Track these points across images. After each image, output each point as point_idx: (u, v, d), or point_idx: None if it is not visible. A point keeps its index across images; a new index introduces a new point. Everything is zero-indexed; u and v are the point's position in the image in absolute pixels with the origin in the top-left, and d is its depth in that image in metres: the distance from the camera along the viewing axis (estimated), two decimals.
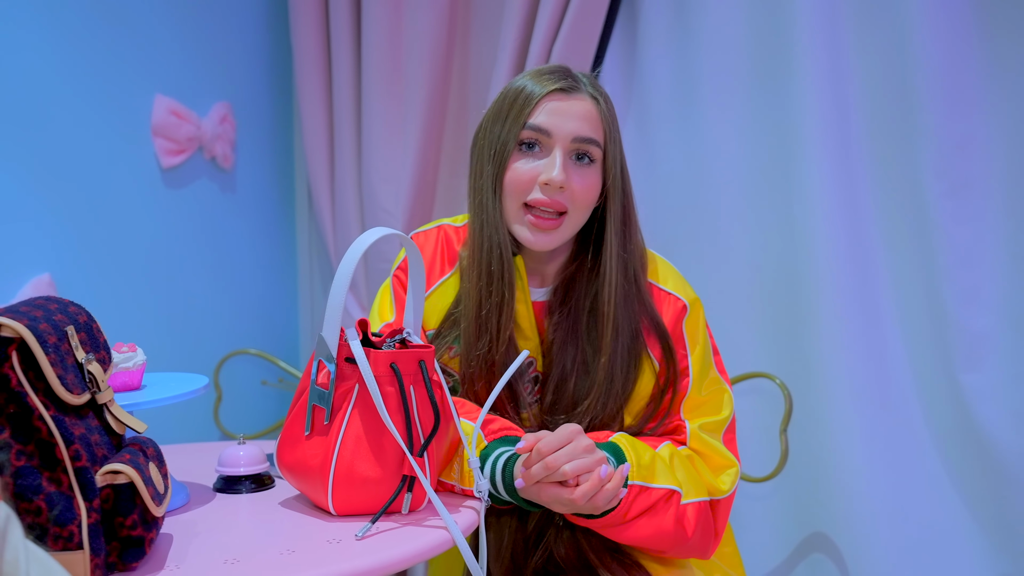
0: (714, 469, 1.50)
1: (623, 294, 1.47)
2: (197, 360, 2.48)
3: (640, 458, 1.39)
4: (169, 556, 1.15)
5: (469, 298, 1.50)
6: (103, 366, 1.16)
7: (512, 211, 1.47)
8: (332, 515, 1.31)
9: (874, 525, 2.05)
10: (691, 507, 1.42)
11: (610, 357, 1.47)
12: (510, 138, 1.46)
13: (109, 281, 2.20)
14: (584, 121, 1.45)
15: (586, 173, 1.46)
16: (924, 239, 2.04)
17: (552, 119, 1.44)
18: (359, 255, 1.28)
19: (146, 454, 1.14)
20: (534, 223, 1.45)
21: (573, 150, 1.45)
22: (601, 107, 1.48)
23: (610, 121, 1.48)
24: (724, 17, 2.22)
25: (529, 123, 1.45)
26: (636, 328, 1.49)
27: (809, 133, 2.10)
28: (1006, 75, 1.97)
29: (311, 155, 2.70)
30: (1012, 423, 1.96)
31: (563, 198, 1.44)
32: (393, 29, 2.54)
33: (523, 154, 1.46)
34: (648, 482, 1.38)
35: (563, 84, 1.46)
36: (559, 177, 1.42)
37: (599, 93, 1.49)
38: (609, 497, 1.30)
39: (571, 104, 1.45)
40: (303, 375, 1.35)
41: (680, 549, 1.46)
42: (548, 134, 1.44)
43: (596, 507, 1.31)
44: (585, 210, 1.47)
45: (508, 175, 1.46)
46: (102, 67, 2.17)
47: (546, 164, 1.44)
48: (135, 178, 2.28)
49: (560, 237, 1.47)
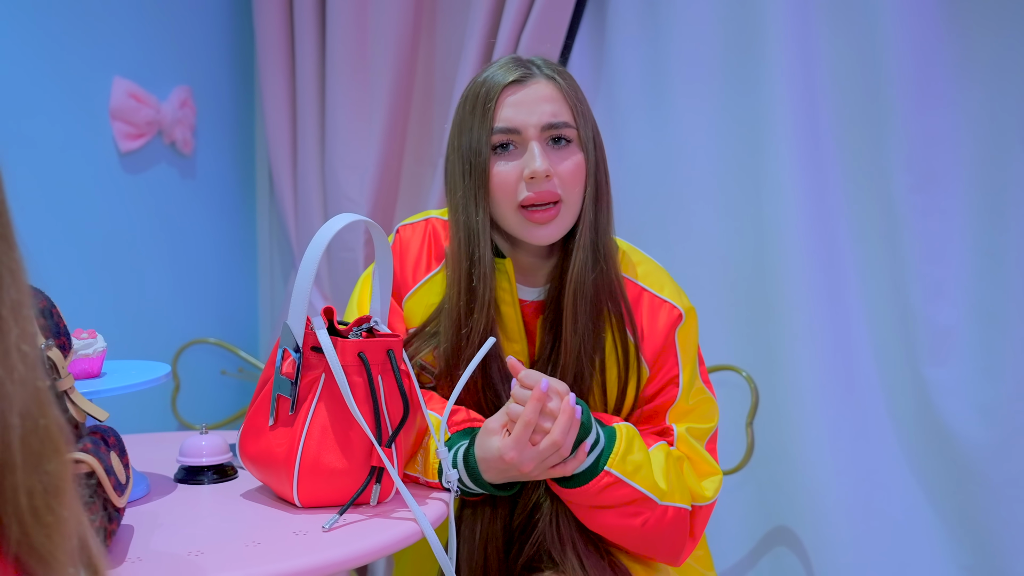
0: (700, 475, 1.49)
1: (592, 271, 1.44)
2: (154, 349, 2.44)
3: (629, 452, 1.37)
4: (131, 548, 1.13)
5: (450, 302, 1.46)
6: (63, 352, 1.12)
7: (509, 218, 1.43)
8: (297, 507, 1.29)
9: (838, 518, 2.05)
10: (671, 510, 1.41)
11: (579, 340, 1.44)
12: (482, 146, 1.42)
13: (65, 267, 2.16)
14: (548, 104, 1.42)
15: (567, 154, 1.43)
16: (891, 233, 2.05)
17: (516, 114, 1.41)
18: (327, 240, 1.26)
19: (107, 443, 1.11)
20: (532, 220, 1.41)
21: (547, 137, 1.42)
22: (561, 85, 1.44)
23: (575, 97, 1.45)
24: (694, 8, 2.21)
25: (496, 127, 1.41)
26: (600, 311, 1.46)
27: (778, 125, 2.10)
28: (974, 70, 1.98)
29: (273, 141, 2.67)
30: (975, 417, 1.97)
31: (552, 186, 1.41)
32: (359, 14, 2.50)
33: (500, 156, 1.43)
34: (628, 478, 1.37)
35: (516, 75, 1.43)
36: (542, 167, 1.39)
37: (556, 72, 1.46)
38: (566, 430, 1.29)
39: (529, 92, 1.42)
40: (267, 364, 1.33)
41: (647, 549, 1.45)
42: (517, 131, 1.41)
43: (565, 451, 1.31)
44: (578, 191, 1.43)
45: (492, 182, 1.42)
46: (58, 47, 2.12)
47: (526, 159, 1.41)
48: (92, 162, 2.24)
49: (562, 225, 1.43)
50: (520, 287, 1.51)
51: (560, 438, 1.29)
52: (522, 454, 1.29)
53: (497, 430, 1.32)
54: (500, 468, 1.32)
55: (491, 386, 1.47)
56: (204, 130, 2.62)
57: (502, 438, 1.31)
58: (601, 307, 1.45)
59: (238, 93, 2.79)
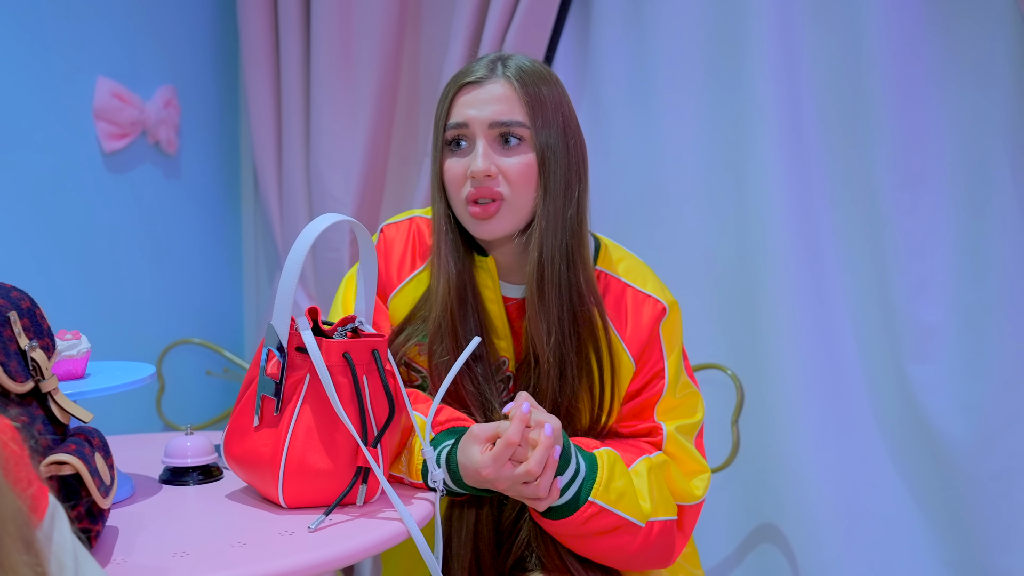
0: (687, 474, 1.50)
1: (556, 270, 1.44)
2: (139, 349, 2.43)
3: (612, 480, 1.37)
4: (116, 549, 1.12)
5: (435, 295, 1.47)
6: (47, 353, 1.12)
7: (460, 212, 1.47)
8: (282, 508, 1.28)
9: (824, 515, 2.06)
10: (656, 524, 1.41)
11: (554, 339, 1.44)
12: (438, 141, 1.48)
13: (49, 267, 2.15)
14: (499, 104, 1.43)
15: (515, 152, 1.44)
16: (875, 231, 2.05)
17: (466, 111, 1.44)
18: (311, 240, 1.26)
19: (92, 444, 1.11)
20: (474, 213, 1.44)
21: (496, 135, 1.44)
22: (516, 86, 1.44)
23: (532, 98, 1.44)
24: (679, 6, 2.22)
25: (448, 123, 1.46)
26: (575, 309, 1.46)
27: (763, 124, 2.10)
28: (958, 69, 1.99)
29: (258, 141, 2.66)
30: (959, 414, 1.98)
31: (493, 184, 1.43)
32: (343, 13, 2.50)
33: (452, 153, 1.47)
34: (612, 507, 1.37)
35: (474, 76, 1.46)
36: (481, 166, 1.41)
37: (516, 74, 1.45)
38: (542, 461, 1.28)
39: (482, 92, 1.44)
40: (251, 365, 1.33)
41: (634, 564, 1.46)
42: (466, 125, 1.44)
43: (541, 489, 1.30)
44: (523, 190, 1.44)
45: (444, 177, 1.47)
46: (42, 47, 2.11)
47: (471, 157, 1.44)
48: (76, 162, 2.23)
49: (502, 222, 1.44)
50: (504, 284, 1.52)
51: (536, 469, 1.28)
52: (499, 472, 1.29)
53: (481, 440, 1.32)
54: (476, 479, 1.33)
55: (476, 385, 1.47)
56: (188, 130, 2.61)
57: (483, 451, 1.31)
58: (575, 305, 1.45)
59: (222, 93, 2.78)
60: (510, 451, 1.28)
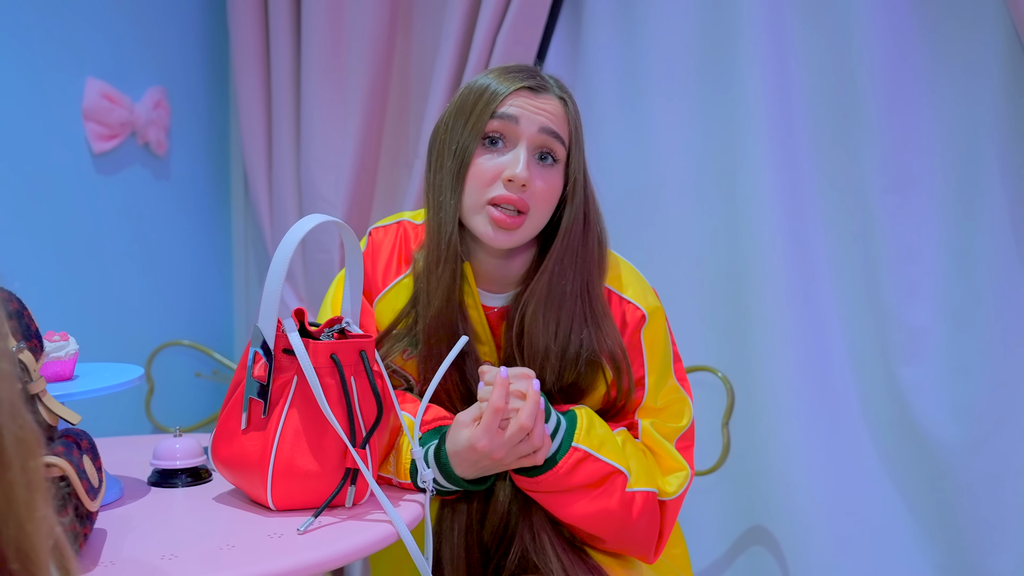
0: (664, 470, 1.49)
1: (549, 297, 1.44)
2: (128, 351, 2.42)
3: (592, 428, 1.38)
4: (104, 552, 1.12)
5: (426, 297, 1.46)
6: (35, 355, 1.11)
7: (473, 204, 1.42)
8: (271, 510, 1.28)
9: (814, 517, 2.07)
10: (639, 495, 1.40)
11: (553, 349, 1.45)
12: (475, 133, 1.42)
13: (36, 268, 2.14)
14: (553, 116, 1.43)
15: (548, 174, 1.43)
16: (865, 233, 2.06)
17: (520, 110, 1.41)
18: (296, 242, 1.26)
19: (80, 446, 1.10)
20: (496, 219, 1.40)
21: (538, 147, 1.42)
22: (568, 109, 1.45)
23: (576, 124, 1.46)
24: (670, 8, 2.22)
25: (498, 112, 1.41)
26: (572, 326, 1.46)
27: (753, 126, 2.11)
28: (947, 72, 1.99)
29: (248, 142, 2.65)
30: (948, 417, 1.99)
31: (526, 196, 1.41)
32: (334, 14, 2.49)
33: (487, 149, 1.42)
34: (596, 452, 1.37)
35: (531, 83, 1.44)
36: (523, 174, 1.39)
37: (567, 95, 1.47)
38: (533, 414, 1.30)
39: (539, 101, 1.43)
40: (238, 367, 1.32)
41: (624, 537, 1.44)
42: (516, 121, 1.40)
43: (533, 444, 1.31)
44: (545, 211, 1.44)
45: (471, 170, 1.42)
46: (31, 48, 2.10)
47: (510, 160, 1.40)
48: (65, 163, 2.22)
49: (519, 237, 1.43)
50: (482, 292, 1.51)
51: (527, 421, 1.29)
52: (492, 441, 1.30)
53: (468, 423, 1.33)
54: (471, 459, 1.33)
55: (465, 384, 1.47)
56: (178, 131, 2.61)
57: (472, 430, 1.32)
58: (573, 321, 1.45)
59: (212, 94, 2.77)
60: (499, 417, 1.30)
